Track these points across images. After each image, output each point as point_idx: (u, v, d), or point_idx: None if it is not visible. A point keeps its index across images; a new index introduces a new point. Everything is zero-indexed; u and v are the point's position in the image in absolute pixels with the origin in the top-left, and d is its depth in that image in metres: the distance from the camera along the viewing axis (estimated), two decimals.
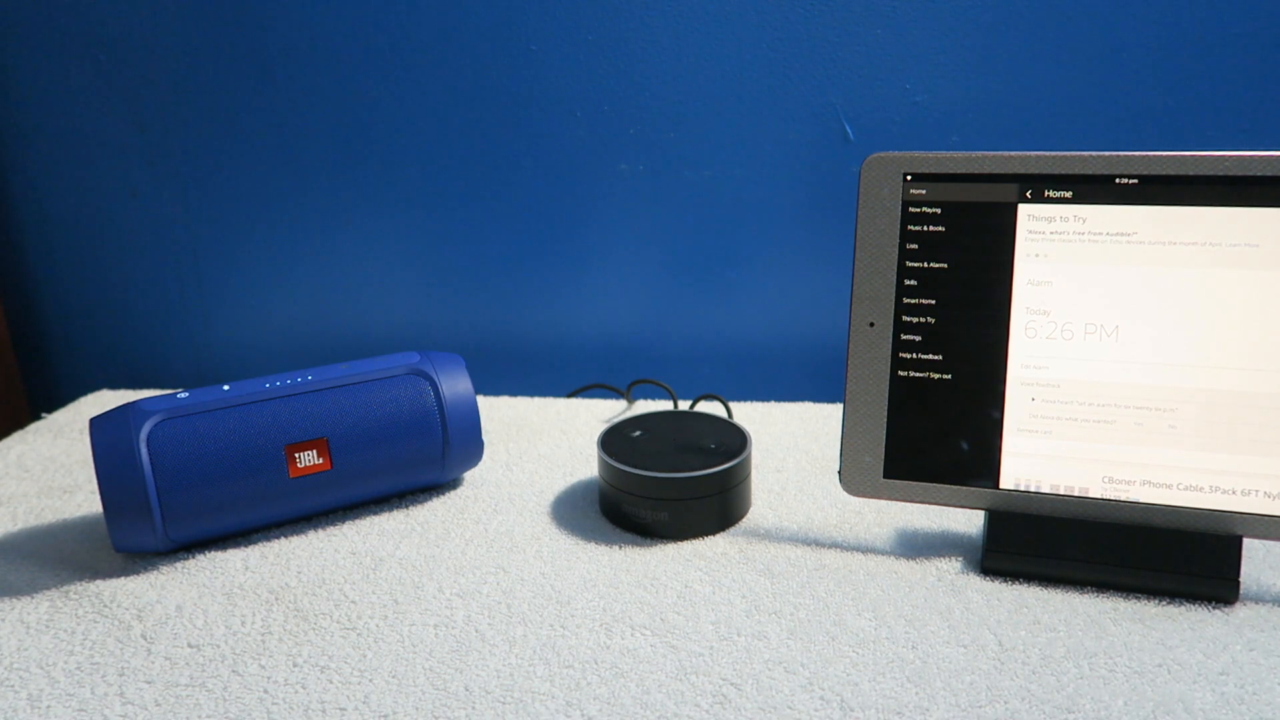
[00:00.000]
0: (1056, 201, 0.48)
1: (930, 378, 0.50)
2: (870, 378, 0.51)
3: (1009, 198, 0.48)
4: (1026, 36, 0.79)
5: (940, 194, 0.49)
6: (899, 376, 0.51)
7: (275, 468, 0.60)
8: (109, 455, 0.57)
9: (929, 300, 0.50)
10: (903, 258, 0.50)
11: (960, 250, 0.49)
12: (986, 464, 0.50)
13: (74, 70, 0.88)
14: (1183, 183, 0.47)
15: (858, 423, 0.51)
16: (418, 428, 0.64)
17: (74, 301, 0.97)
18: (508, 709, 0.45)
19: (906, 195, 0.49)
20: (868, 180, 0.50)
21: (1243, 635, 0.49)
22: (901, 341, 0.50)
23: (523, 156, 0.88)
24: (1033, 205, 0.48)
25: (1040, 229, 0.48)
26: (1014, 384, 0.49)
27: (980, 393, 0.50)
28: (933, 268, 0.50)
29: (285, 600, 0.55)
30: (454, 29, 0.85)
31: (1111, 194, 0.48)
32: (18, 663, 0.50)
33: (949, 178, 0.49)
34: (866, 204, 0.50)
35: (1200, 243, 0.47)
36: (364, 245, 0.92)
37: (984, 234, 0.49)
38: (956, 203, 0.49)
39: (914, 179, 0.49)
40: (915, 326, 0.50)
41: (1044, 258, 0.49)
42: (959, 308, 0.50)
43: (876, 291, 0.50)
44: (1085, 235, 0.48)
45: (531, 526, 0.64)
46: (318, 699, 0.46)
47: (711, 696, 0.46)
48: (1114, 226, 0.48)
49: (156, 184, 0.92)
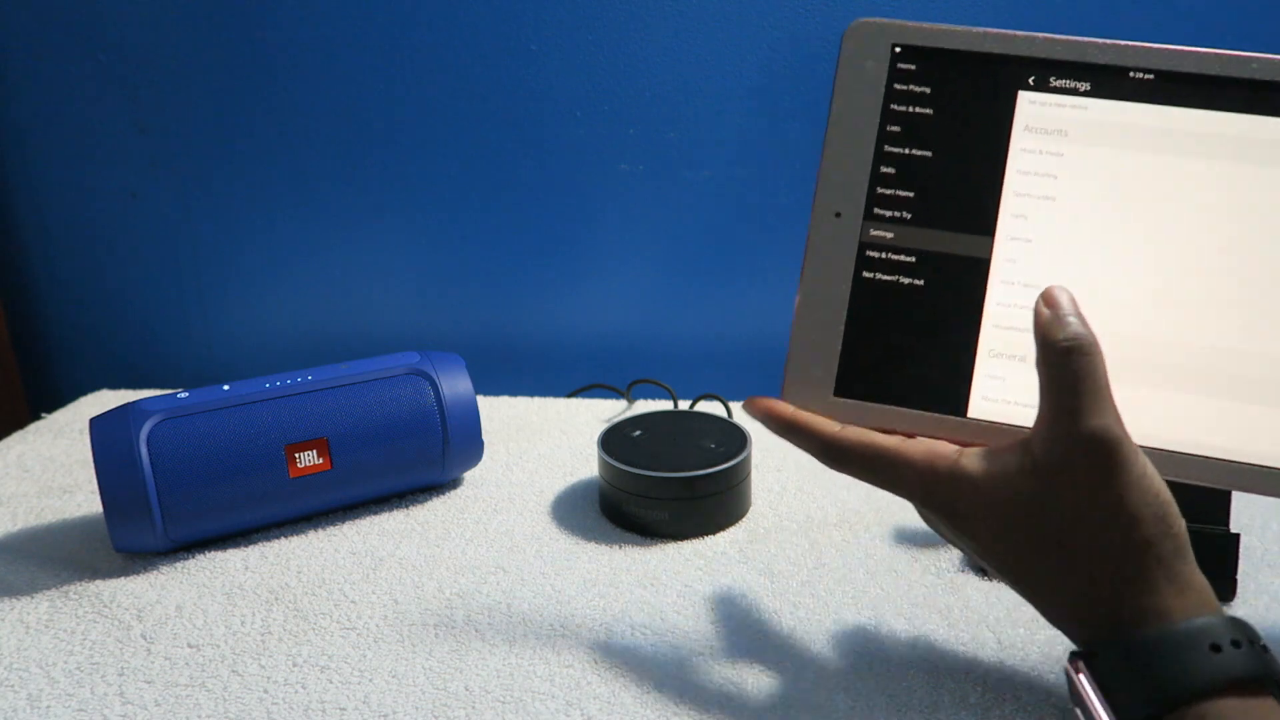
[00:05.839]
0: (1062, 91, 0.42)
1: (899, 282, 0.42)
2: (829, 276, 0.43)
3: (1009, 83, 0.42)
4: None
5: (931, 72, 0.42)
6: (863, 278, 0.43)
7: (275, 468, 0.60)
8: (109, 455, 0.57)
9: (907, 193, 0.42)
10: (881, 141, 0.42)
11: (949, 138, 0.42)
12: (955, 389, 0.42)
13: (74, 70, 0.88)
14: (1206, 83, 0.40)
15: (810, 328, 0.43)
16: (418, 428, 0.64)
17: (74, 301, 0.97)
18: (508, 709, 0.45)
19: (893, 70, 0.43)
20: (850, 49, 0.43)
21: None
22: (871, 238, 0.42)
23: (523, 157, 0.88)
24: (1035, 93, 0.42)
25: (1041, 122, 0.42)
26: (994, 301, 0.42)
27: (955, 305, 0.42)
28: (915, 155, 0.42)
29: (285, 600, 0.55)
30: (454, 29, 0.85)
31: (1125, 89, 0.41)
32: (18, 663, 0.50)
33: (943, 54, 0.42)
34: (845, 76, 0.43)
35: (1222, 155, 0.40)
36: (364, 245, 0.92)
37: (977, 122, 0.42)
38: (949, 83, 0.42)
39: (903, 52, 0.43)
40: (888, 221, 0.43)
41: (1042, 154, 0.42)
42: (941, 205, 0.42)
43: (847, 177, 0.43)
44: (1091, 134, 0.41)
45: (531, 526, 0.64)
46: (318, 699, 0.46)
47: (711, 696, 0.46)
48: (1124, 125, 0.41)
49: (156, 184, 0.92)
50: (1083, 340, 0.35)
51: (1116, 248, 0.41)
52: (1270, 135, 0.40)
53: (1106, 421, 0.34)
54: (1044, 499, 0.36)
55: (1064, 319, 0.36)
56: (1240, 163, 0.40)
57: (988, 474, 0.37)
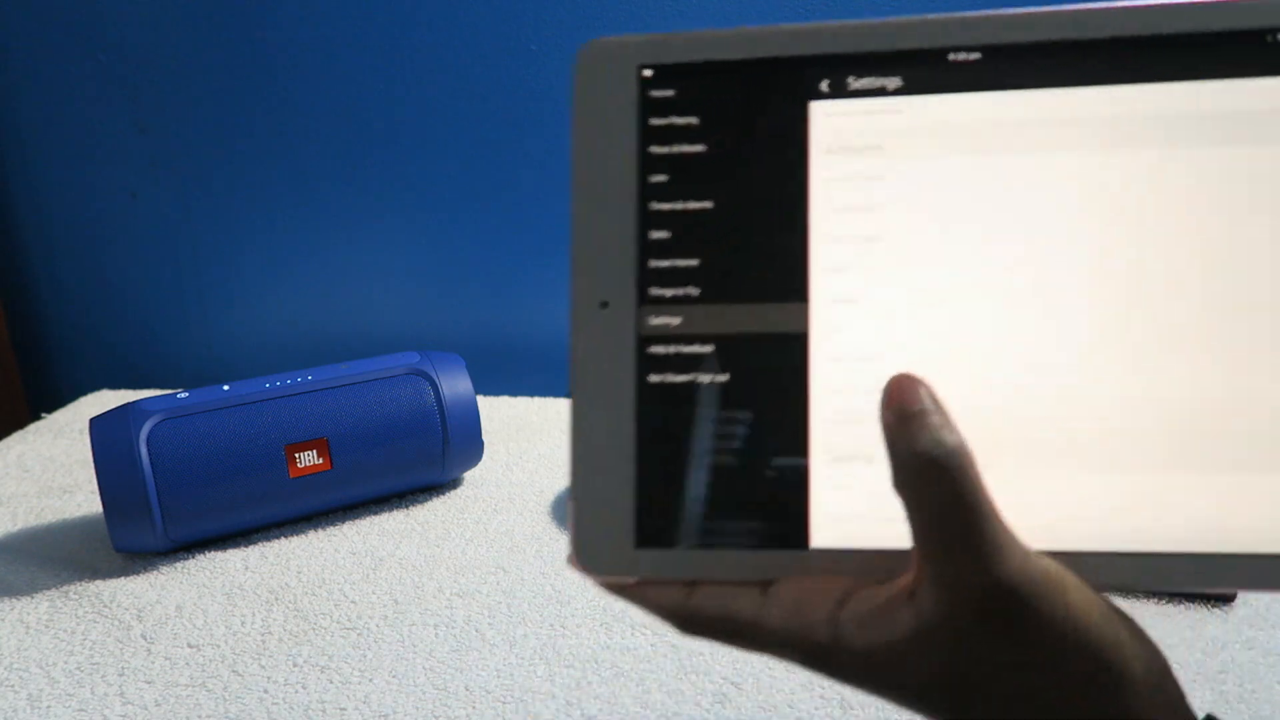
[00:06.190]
0: (867, 94, 0.31)
1: (696, 382, 0.32)
2: (605, 387, 0.32)
3: (796, 94, 0.32)
4: None
5: (695, 96, 0.32)
6: (648, 383, 0.32)
7: (275, 468, 0.60)
8: (109, 455, 0.57)
9: (689, 261, 0.32)
10: (645, 197, 0.32)
11: (732, 180, 0.32)
12: (789, 513, 0.31)
13: (74, 70, 0.88)
14: (1053, 53, 0.30)
15: (590, 461, 0.31)
16: (418, 428, 0.64)
17: (74, 301, 0.97)
18: (508, 709, 0.45)
19: (645, 100, 0.32)
20: (585, 81, 0.32)
21: (1241, 634, 0.49)
22: (651, 329, 0.32)
23: (523, 157, 0.88)
24: (832, 102, 0.31)
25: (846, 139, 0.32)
26: (822, 387, 0.31)
27: (773, 401, 0.32)
28: (692, 210, 0.32)
29: (285, 600, 0.55)
30: (454, 29, 0.85)
31: (948, 77, 0.31)
32: (18, 663, 0.50)
33: (706, 69, 0.32)
34: (585, 119, 0.32)
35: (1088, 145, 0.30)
36: (364, 245, 0.92)
37: (764, 152, 0.32)
38: (720, 107, 0.32)
39: (656, 75, 0.33)
40: (670, 303, 0.32)
41: (855, 182, 0.32)
42: (735, 271, 0.32)
43: (608, 253, 0.32)
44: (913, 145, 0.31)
45: (531, 526, 0.64)
46: (318, 699, 0.46)
47: (711, 696, 0.46)
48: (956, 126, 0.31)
49: (156, 184, 0.92)
50: (945, 448, 0.26)
51: (970, 292, 0.30)
52: (1164, 107, 0.30)
53: (998, 567, 0.25)
54: (953, 664, 0.27)
55: (915, 422, 0.26)
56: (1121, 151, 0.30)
57: (877, 648, 0.28)
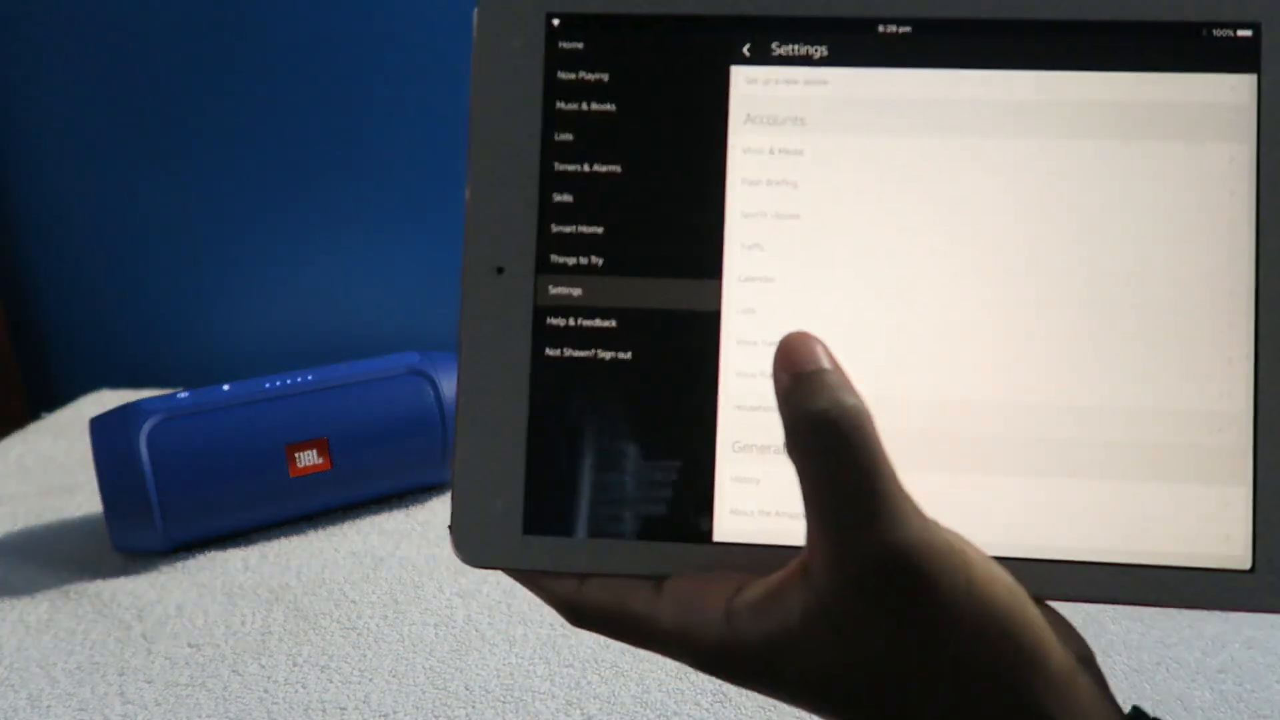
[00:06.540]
0: (791, 61, 0.30)
1: (596, 358, 0.30)
2: (497, 360, 0.31)
3: (717, 57, 0.30)
4: None
5: (607, 50, 0.30)
6: (546, 358, 0.30)
7: (275, 467, 0.60)
8: (109, 455, 0.57)
9: (593, 228, 0.30)
10: (548, 157, 0.30)
11: (644, 144, 0.30)
12: (692, 504, 0.30)
13: (74, 70, 0.88)
14: (988, 31, 0.29)
15: (478, 439, 0.30)
16: (418, 428, 0.64)
17: (74, 301, 0.97)
18: (508, 708, 0.45)
19: (553, 51, 0.30)
20: (488, 25, 0.30)
21: (1241, 634, 0.49)
22: (550, 299, 0.30)
23: None
24: (755, 68, 0.30)
25: (769, 109, 0.30)
26: (731, 370, 0.29)
27: (679, 383, 0.30)
28: (600, 173, 0.30)
29: (285, 600, 0.55)
30: (454, 28, 0.85)
31: (876, 49, 0.30)
32: (18, 663, 0.50)
33: (621, 22, 0.30)
34: (486, 68, 0.30)
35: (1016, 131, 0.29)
36: (364, 245, 0.92)
37: (680, 117, 0.30)
38: (634, 64, 0.30)
39: (564, 24, 0.30)
40: (572, 272, 0.30)
41: (775, 154, 0.30)
42: (643, 242, 0.30)
43: (506, 215, 0.31)
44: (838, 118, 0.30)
45: None
46: (318, 699, 0.47)
47: (711, 695, 0.46)
48: (884, 101, 0.30)
49: (156, 184, 0.92)
50: (842, 409, 0.23)
51: (891, 277, 0.29)
52: (1096, 96, 0.28)
53: (894, 531, 0.23)
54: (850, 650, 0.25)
55: (811, 381, 0.24)
56: (1049, 139, 0.29)
57: (771, 636, 0.25)
